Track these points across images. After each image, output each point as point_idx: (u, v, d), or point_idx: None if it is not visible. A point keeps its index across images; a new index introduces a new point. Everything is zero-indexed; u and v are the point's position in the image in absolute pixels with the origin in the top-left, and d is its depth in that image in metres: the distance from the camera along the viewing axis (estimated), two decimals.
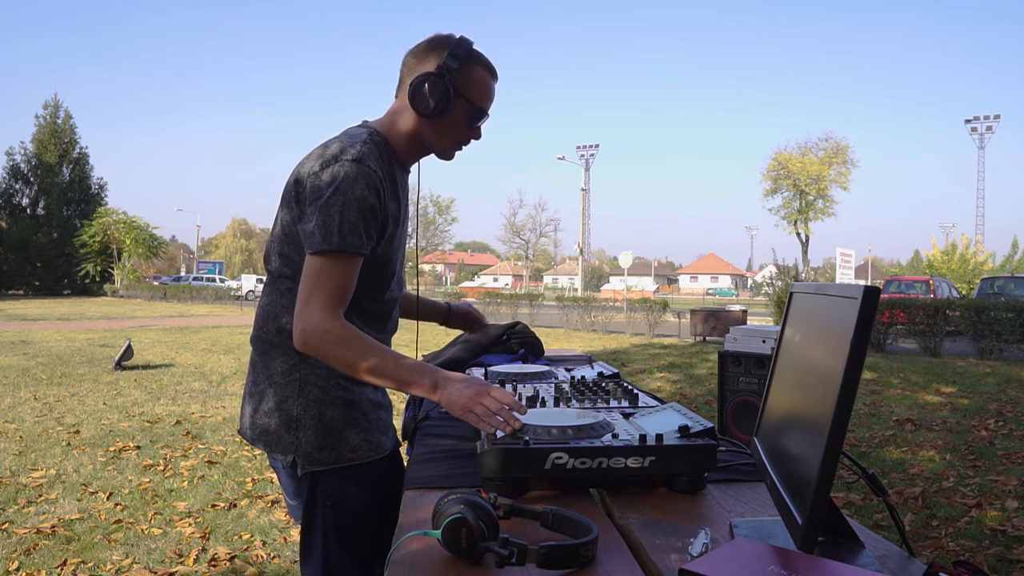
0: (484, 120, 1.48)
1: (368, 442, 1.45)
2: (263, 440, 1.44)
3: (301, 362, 1.41)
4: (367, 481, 1.44)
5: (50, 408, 6.30)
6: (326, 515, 1.41)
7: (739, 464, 1.41)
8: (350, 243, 1.32)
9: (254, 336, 1.49)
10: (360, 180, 1.32)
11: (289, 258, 1.42)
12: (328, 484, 1.41)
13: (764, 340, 3.17)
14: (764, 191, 43.49)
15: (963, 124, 45.44)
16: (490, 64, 1.47)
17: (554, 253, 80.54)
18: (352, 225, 1.32)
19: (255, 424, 1.45)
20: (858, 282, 11.78)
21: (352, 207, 1.32)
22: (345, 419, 1.42)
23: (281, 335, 1.42)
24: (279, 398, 1.41)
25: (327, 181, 1.32)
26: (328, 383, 1.41)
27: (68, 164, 42.53)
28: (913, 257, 58.80)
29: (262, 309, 1.48)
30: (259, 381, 1.45)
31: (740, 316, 14.61)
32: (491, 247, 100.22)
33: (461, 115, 1.44)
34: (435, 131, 1.45)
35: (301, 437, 1.40)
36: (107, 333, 14.22)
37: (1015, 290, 15.58)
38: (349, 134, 1.42)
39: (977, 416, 6.33)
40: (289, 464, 1.42)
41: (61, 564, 2.97)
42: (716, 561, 0.79)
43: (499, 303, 19.56)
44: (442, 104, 1.39)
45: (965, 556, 3.11)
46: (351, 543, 1.43)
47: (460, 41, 1.42)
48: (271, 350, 1.44)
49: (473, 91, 1.43)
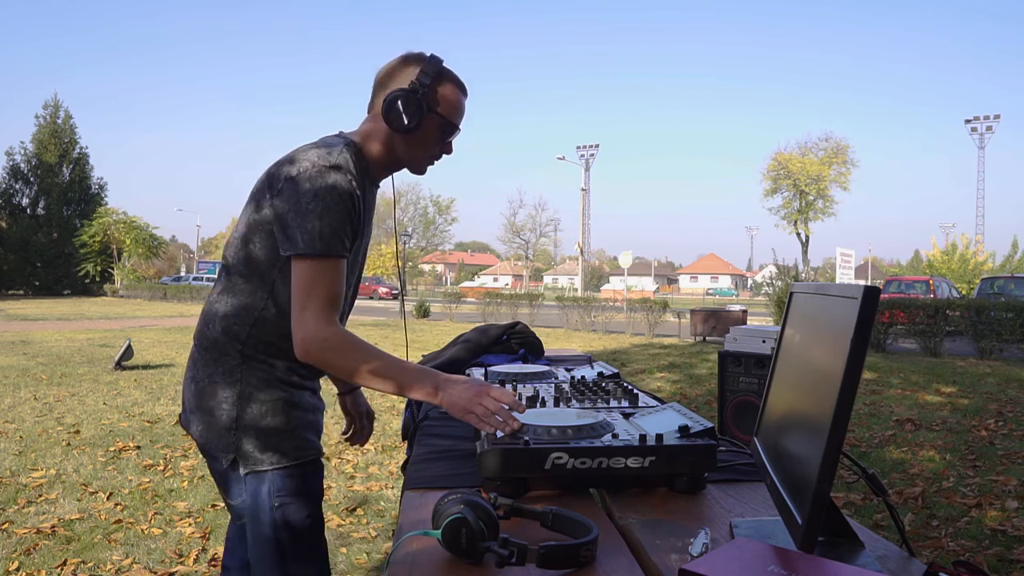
0: (456, 135, 1.51)
1: (308, 441, 1.46)
2: (202, 437, 1.45)
3: (242, 363, 1.42)
4: (307, 479, 1.46)
5: (50, 408, 6.30)
6: (273, 514, 1.42)
7: (739, 464, 1.41)
8: (333, 247, 1.34)
9: (198, 333, 1.49)
10: (339, 186, 1.34)
11: (247, 258, 1.42)
12: (272, 483, 1.42)
13: (764, 340, 3.17)
14: (764, 191, 43.56)
15: (963, 124, 45.47)
16: (460, 81, 1.50)
17: (554, 253, 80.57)
18: (333, 230, 1.33)
19: (193, 421, 1.46)
20: (858, 282, 11.78)
21: (333, 212, 1.33)
22: (285, 420, 1.43)
23: (226, 335, 1.43)
24: (219, 398, 1.42)
25: (306, 186, 1.33)
26: (268, 385, 1.42)
27: (68, 164, 42.51)
28: (913, 257, 58.81)
29: (210, 307, 1.48)
30: (199, 378, 1.46)
31: (740, 316, 14.60)
32: (491, 247, 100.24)
33: (434, 131, 1.46)
34: (408, 147, 1.47)
35: (241, 438, 1.41)
36: (107, 333, 14.22)
37: (1015, 290, 15.58)
38: (326, 142, 1.43)
39: (977, 416, 6.33)
40: (230, 463, 1.43)
41: (61, 564, 2.97)
42: (716, 561, 0.79)
43: (499, 303, 19.55)
44: (415, 120, 1.42)
45: (965, 556, 3.11)
46: (304, 540, 1.44)
47: (431, 59, 1.46)
48: (213, 349, 1.44)
49: (445, 107, 1.46)
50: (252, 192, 1.44)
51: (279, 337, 1.42)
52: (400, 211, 63.20)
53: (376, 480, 4.24)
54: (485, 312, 19.34)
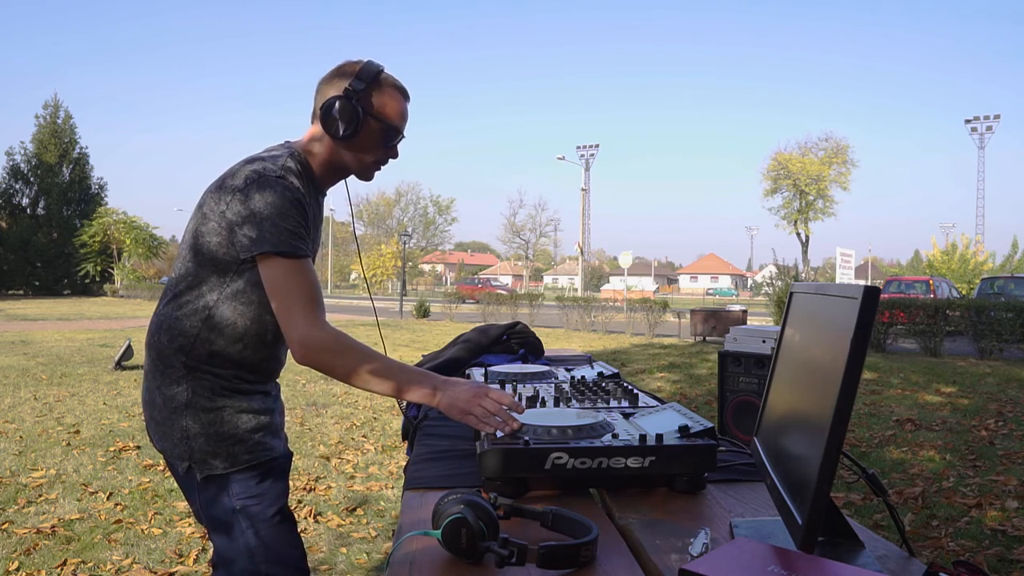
0: (399, 139, 1.51)
1: (260, 444, 1.46)
2: (159, 444, 1.47)
3: (188, 374, 1.42)
4: (266, 479, 1.46)
5: (50, 408, 6.30)
6: (238, 518, 1.43)
7: (739, 464, 1.41)
8: (298, 247, 1.36)
9: (148, 343, 1.50)
10: (287, 193, 1.35)
11: (193, 268, 1.43)
12: (233, 488, 1.43)
13: (764, 340, 3.17)
14: (764, 191, 43.55)
15: (963, 124, 45.45)
16: (399, 84, 1.50)
17: (554, 253, 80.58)
18: (293, 231, 1.35)
19: (150, 430, 1.48)
20: (858, 282, 11.78)
21: (288, 216, 1.35)
22: (234, 424, 1.43)
23: (172, 346, 1.43)
24: (170, 408, 1.43)
25: (256, 195, 1.34)
26: (214, 394, 1.43)
27: (68, 164, 42.50)
28: (913, 257, 58.77)
29: (156, 317, 1.48)
30: (151, 388, 1.47)
31: (740, 316, 14.61)
32: (491, 247, 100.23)
33: (375, 135, 1.47)
34: (350, 153, 1.48)
35: (193, 445, 1.41)
36: (107, 333, 14.22)
37: (1015, 290, 15.58)
38: (271, 153, 1.45)
39: (977, 416, 6.33)
40: (186, 470, 1.44)
41: (61, 564, 2.97)
42: (716, 561, 0.79)
43: (499, 303, 19.55)
44: (351, 125, 1.42)
45: (965, 556, 3.11)
46: (272, 538, 1.45)
47: (367, 64, 1.46)
48: (159, 360, 1.45)
49: (383, 111, 1.46)
50: (199, 203, 1.44)
51: (226, 345, 1.42)
52: (400, 211, 63.23)
53: (376, 480, 4.24)
54: (485, 312, 19.34)
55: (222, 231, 1.37)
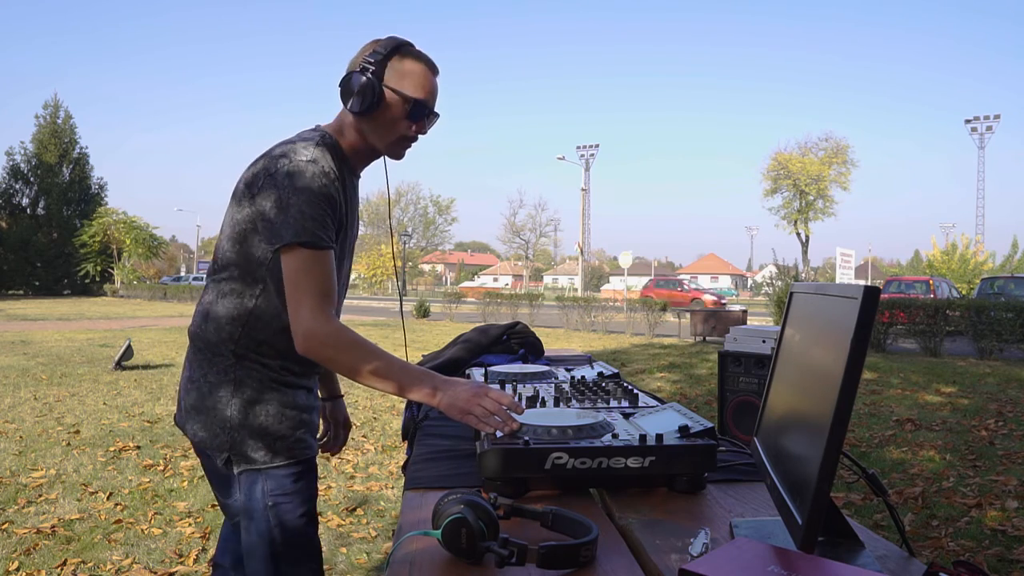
0: (426, 113, 1.46)
1: (302, 441, 1.47)
2: (196, 436, 1.45)
3: (236, 364, 1.42)
4: (302, 478, 1.46)
5: (50, 408, 6.30)
6: (268, 514, 1.42)
7: (739, 464, 1.41)
8: (320, 237, 1.34)
9: (193, 332, 1.49)
10: (317, 178, 1.34)
11: (235, 257, 1.42)
12: (268, 483, 1.42)
13: (764, 340, 3.17)
14: (764, 191, 43.54)
15: (963, 124, 45.48)
16: (423, 56, 1.46)
17: (554, 253, 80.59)
18: (317, 221, 1.34)
19: (189, 420, 1.46)
20: (858, 282, 11.78)
21: (314, 204, 1.33)
22: (278, 420, 1.43)
23: (219, 335, 1.43)
24: (214, 398, 1.42)
25: (285, 182, 1.33)
26: (263, 385, 1.43)
27: (68, 164, 42.54)
28: (913, 257, 58.74)
29: (202, 306, 1.48)
30: (195, 378, 1.46)
31: (740, 316, 14.61)
32: (491, 247, 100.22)
33: (396, 109, 1.43)
34: (374, 129, 1.45)
35: (236, 437, 1.41)
36: (107, 333, 14.22)
37: (1015, 290, 15.58)
38: (302, 137, 1.44)
39: (977, 416, 6.33)
40: (225, 462, 1.43)
41: (61, 564, 2.97)
42: (716, 561, 0.79)
43: (499, 303, 19.55)
44: (368, 99, 1.39)
45: (965, 556, 3.11)
46: (297, 539, 1.45)
47: (388, 38, 1.44)
48: (207, 350, 1.45)
49: (402, 83, 1.42)
50: (234, 192, 1.44)
51: (272, 335, 1.42)
52: (400, 211, 63.18)
53: (376, 480, 4.24)
54: (485, 312, 19.34)
55: (255, 219, 1.37)
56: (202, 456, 1.50)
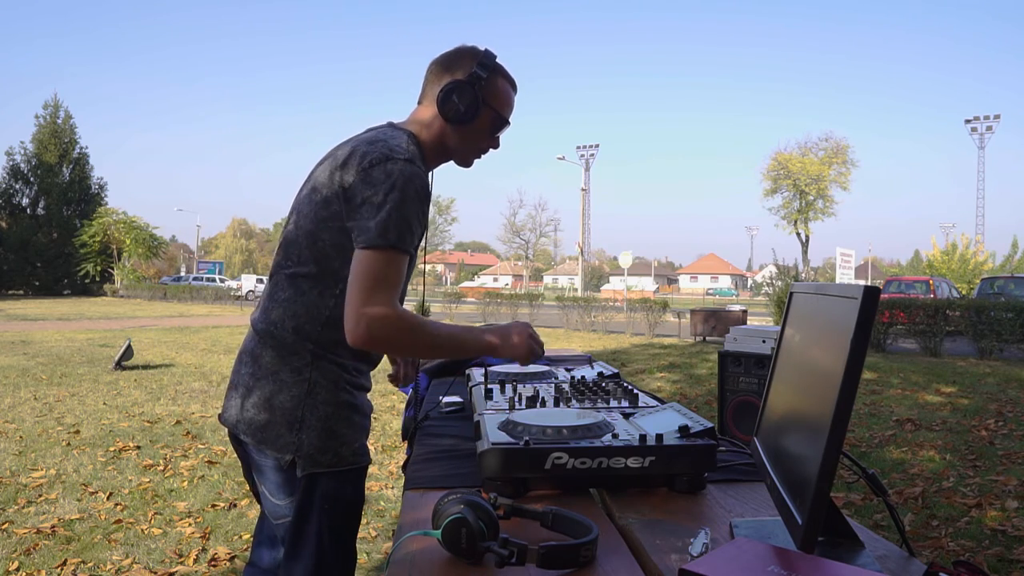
0: (505, 129, 1.54)
1: (363, 446, 1.47)
2: (256, 435, 1.42)
3: (312, 364, 1.40)
4: (358, 484, 1.47)
5: (50, 408, 6.30)
6: (321, 516, 1.41)
7: (739, 464, 1.41)
8: (404, 241, 1.33)
9: (264, 331, 1.45)
10: (415, 179, 1.34)
11: (316, 255, 1.39)
12: (327, 486, 1.41)
13: (764, 340, 3.17)
14: (764, 191, 43.55)
15: (963, 124, 45.53)
16: (512, 77, 1.54)
17: (554, 253, 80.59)
18: (407, 224, 1.33)
19: (247, 417, 1.43)
20: (858, 282, 11.78)
21: (407, 206, 1.32)
22: (347, 423, 1.42)
23: (297, 335, 1.41)
24: (283, 397, 1.40)
25: (381, 179, 1.31)
26: (336, 387, 1.42)
27: (68, 164, 42.53)
28: (913, 257, 58.80)
29: (281, 306, 1.43)
30: (259, 375, 1.43)
31: (740, 316, 14.61)
32: (491, 247, 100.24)
33: (486, 123, 1.49)
34: (460, 138, 1.49)
35: (304, 438, 1.39)
36: (107, 333, 14.22)
37: (1015, 290, 15.58)
38: (389, 134, 1.41)
39: (977, 416, 6.33)
40: (287, 464, 1.41)
41: (61, 564, 2.97)
42: (716, 561, 0.79)
43: (499, 303, 19.54)
44: (471, 111, 1.45)
45: (965, 556, 3.11)
46: (343, 543, 1.44)
47: (487, 53, 1.49)
48: (282, 349, 1.42)
49: (498, 101, 1.49)
50: (317, 185, 1.40)
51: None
52: None
53: (376, 480, 4.24)
54: (485, 312, 19.33)
55: (342, 213, 1.35)
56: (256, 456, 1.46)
